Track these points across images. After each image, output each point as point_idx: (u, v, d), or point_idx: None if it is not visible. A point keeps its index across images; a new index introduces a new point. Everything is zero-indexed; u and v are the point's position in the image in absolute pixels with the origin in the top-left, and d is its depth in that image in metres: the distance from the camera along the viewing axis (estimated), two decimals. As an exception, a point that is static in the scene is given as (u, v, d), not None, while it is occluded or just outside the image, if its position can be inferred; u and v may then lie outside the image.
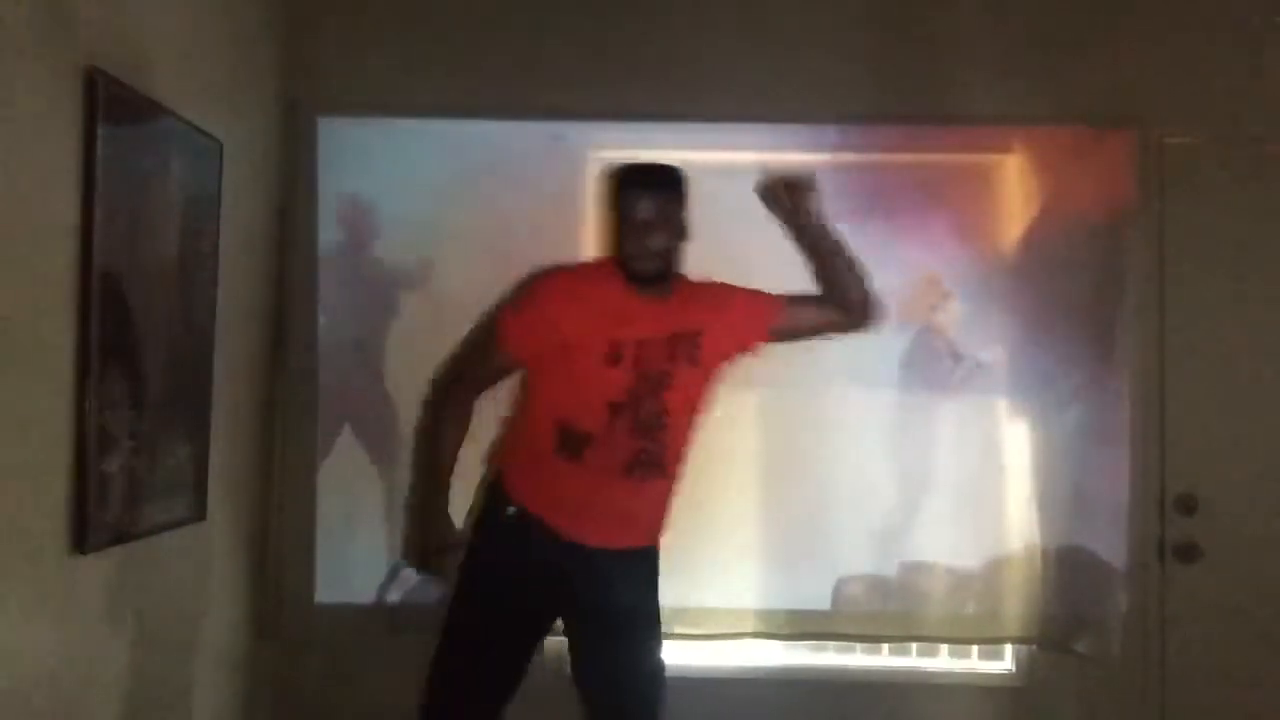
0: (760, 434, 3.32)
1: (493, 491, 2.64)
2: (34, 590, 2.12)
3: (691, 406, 2.59)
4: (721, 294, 2.64)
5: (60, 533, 2.19)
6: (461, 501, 2.67)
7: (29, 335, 2.08)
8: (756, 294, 2.65)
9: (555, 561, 2.53)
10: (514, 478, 2.60)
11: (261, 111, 3.24)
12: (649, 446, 2.51)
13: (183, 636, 2.81)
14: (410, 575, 3.29)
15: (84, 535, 2.23)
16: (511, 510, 2.56)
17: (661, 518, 2.63)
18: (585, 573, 2.53)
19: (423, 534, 2.64)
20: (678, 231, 2.53)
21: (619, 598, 2.55)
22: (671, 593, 3.25)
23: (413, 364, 3.30)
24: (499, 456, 2.72)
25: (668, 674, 3.34)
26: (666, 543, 2.70)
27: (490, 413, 2.75)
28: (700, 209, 3.28)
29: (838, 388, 3.31)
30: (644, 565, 2.62)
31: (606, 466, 2.50)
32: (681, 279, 2.59)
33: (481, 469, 2.75)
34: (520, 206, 3.33)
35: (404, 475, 3.30)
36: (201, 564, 2.91)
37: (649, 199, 2.50)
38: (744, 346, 2.65)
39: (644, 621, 2.61)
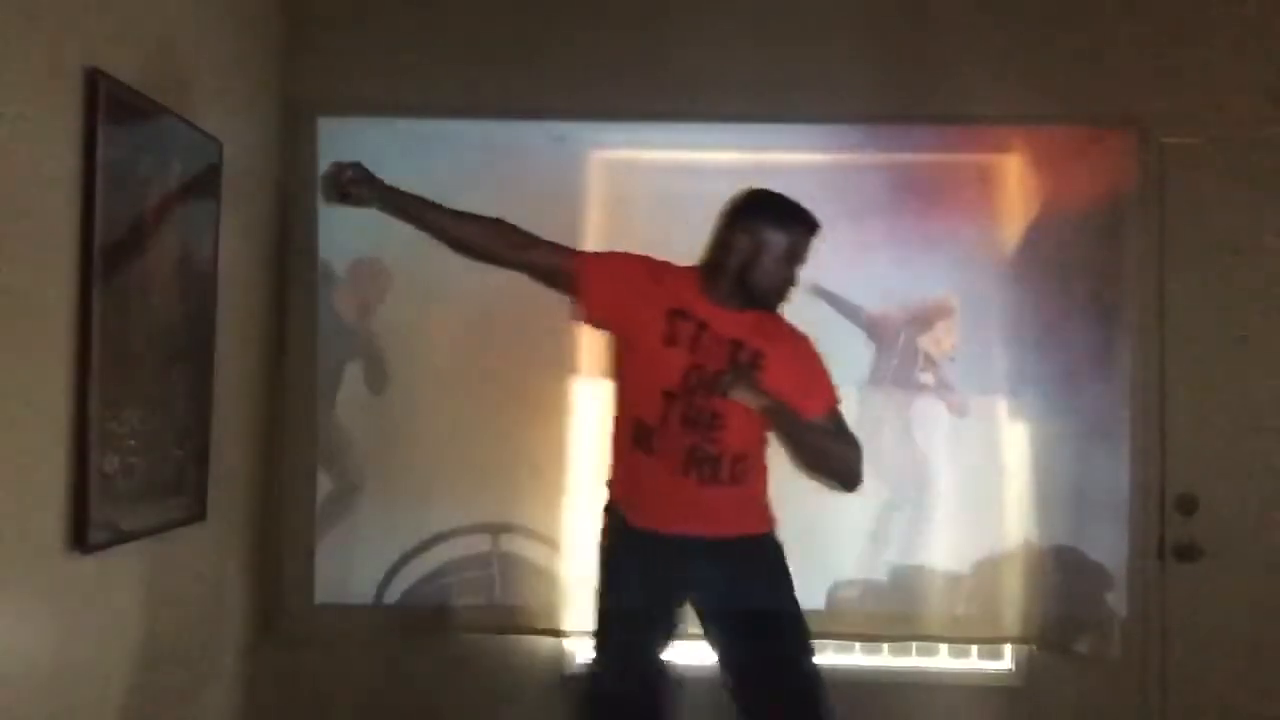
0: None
1: (608, 507, 2.64)
2: (34, 590, 2.12)
3: (748, 421, 2.49)
4: (798, 341, 2.60)
5: (60, 533, 2.19)
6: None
7: (29, 334, 2.09)
8: (822, 379, 2.58)
9: (659, 557, 2.52)
10: (615, 485, 2.63)
11: (261, 111, 3.24)
12: (702, 444, 2.48)
13: (182, 636, 2.80)
14: (409, 575, 3.30)
15: (84, 535, 2.23)
16: (623, 514, 2.59)
17: (743, 514, 2.58)
18: (687, 565, 2.52)
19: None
20: (797, 274, 2.57)
21: (730, 589, 2.52)
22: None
23: (412, 366, 3.35)
24: (610, 476, 2.69)
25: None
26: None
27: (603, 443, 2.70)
28: (700, 208, 3.31)
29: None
30: (749, 557, 2.57)
31: (668, 462, 2.50)
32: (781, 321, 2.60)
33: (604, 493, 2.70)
34: (520, 206, 3.31)
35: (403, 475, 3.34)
36: (201, 564, 2.90)
37: (802, 237, 2.54)
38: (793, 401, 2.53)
39: (771, 614, 2.55)
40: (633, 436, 2.54)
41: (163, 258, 2.58)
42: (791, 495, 3.32)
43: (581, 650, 3.33)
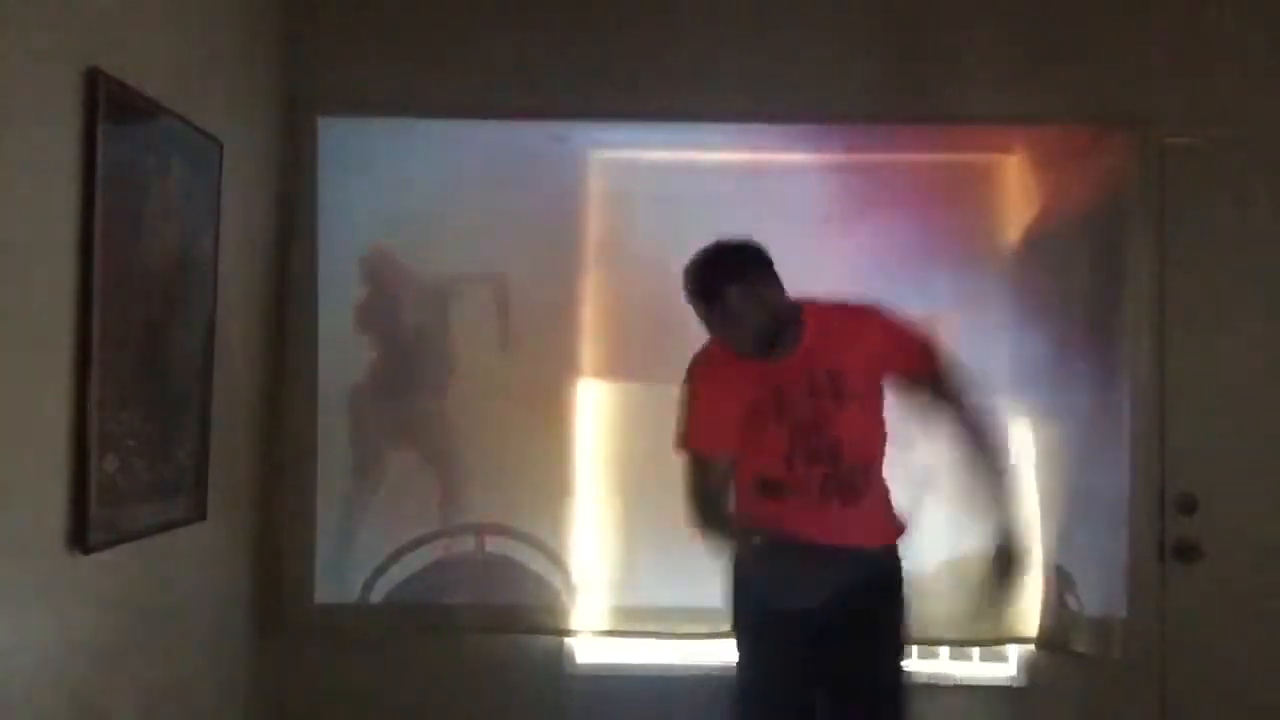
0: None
1: (737, 545, 2.61)
2: (34, 590, 2.12)
3: (863, 431, 2.55)
4: (858, 326, 2.56)
5: (60, 533, 2.19)
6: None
7: (29, 335, 2.09)
8: (902, 334, 2.58)
9: (799, 570, 2.50)
10: (743, 520, 2.62)
11: (261, 111, 3.24)
12: (832, 471, 2.51)
13: (182, 636, 2.80)
14: (395, 575, 3.32)
15: (84, 535, 2.23)
16: (756, 539, 2.54)
17: (884, 523, 2.61)
18: (820, 574, 2.50)
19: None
20: (763, 311, 2.45)
21: (850, 598, 2.51)
22: (674, 593, 3.27)
23: (411, 365, 3.36)
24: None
25: (668, 674, 3.37)
26: (676, 543, 2.69)
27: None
28: (700, 209, 3.32)
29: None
30: (873, 568, 2.58)
31: (804, 502, 2.52)
32: (813, 318, 2.51)
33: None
34: (520, 206, 3.33)
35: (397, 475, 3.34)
36: (201, 564, 2.90)
37: (710, 307, 2.47)
38: (896, 373, 2.59)
39: (880, 626, 2.59)
40: (760, 488, 2.56)
41: (163, 257, 2.57)
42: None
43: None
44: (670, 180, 3.35)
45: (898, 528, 2.63)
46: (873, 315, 2.59)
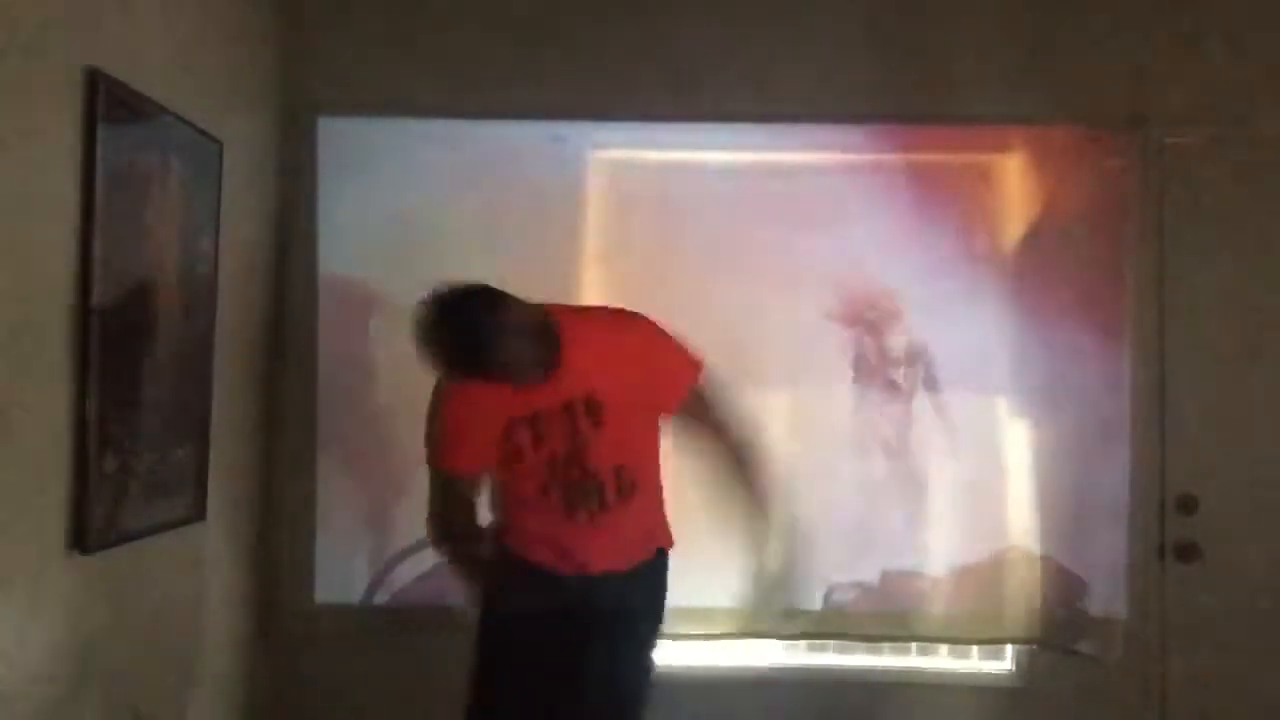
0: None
1: (498, 550, 2.60)
2: (34, 590, 2.12)
3: (621, 446, 2.46)
4: (619, 345, 2.44)
5: (60, 533, 2.19)
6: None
7: (29, 335, 2.08)
8: (664, 363, 2.47)
9: (550, 593, 2.49)
10: (504, 532, 2.60)
11: (261, 111, 3.24)
12: (579, 479, 2.44)
13: (182, 636, 2.81)
14: (398, 576, 3.31)
15: (84, 535, 2.23)
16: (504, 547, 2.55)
17: (646, 536, 2.56)
18: (572, 596, 2.48)
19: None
20: (508, 347, 2.26)
21: (604, 608, 2.48)
22: (674, 593, 3.26)
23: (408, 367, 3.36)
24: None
25: (669, 674, 3.36)
26: (674, 543, 2.69)
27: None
28: (700, 208, 3.32)
29: (842, 387, 3.31)
30: (633, 583, 2.54)
31: (556, 517, 2.47)
32: (572, 337, 2.35)
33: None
34: (520, 206, 3.33)
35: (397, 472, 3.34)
36: (201, 564, 2.91)
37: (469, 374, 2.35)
38: (656, 407, 2.49)
39: (623, 626, 2.53)
40: (517, 503, 2.53)
41: (163, 258, 2.58)
42: (798, 498, 3.33)
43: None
44: (670, 180, 3.35)
45: (661, 541, 2.57)
46: (634, 335, 2.47)
